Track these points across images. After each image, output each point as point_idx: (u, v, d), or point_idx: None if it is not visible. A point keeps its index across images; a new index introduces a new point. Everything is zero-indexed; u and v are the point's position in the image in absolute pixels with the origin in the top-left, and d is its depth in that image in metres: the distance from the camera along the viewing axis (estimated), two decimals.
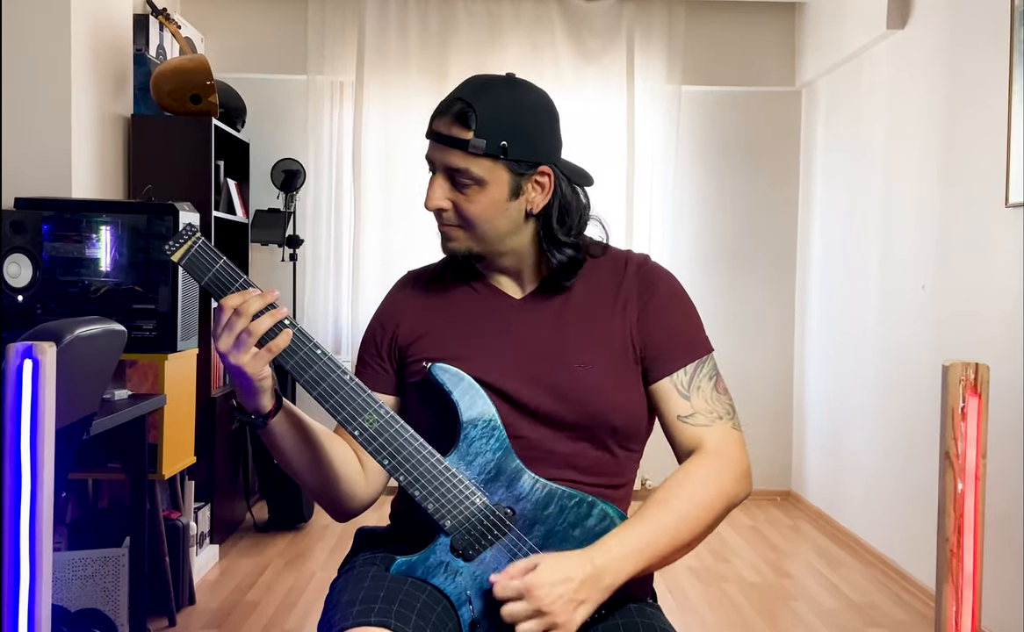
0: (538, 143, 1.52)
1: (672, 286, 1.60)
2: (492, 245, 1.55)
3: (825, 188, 5.15)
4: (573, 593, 1.36)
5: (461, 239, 1.54)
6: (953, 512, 1.43)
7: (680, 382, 1.54)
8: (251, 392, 1.42)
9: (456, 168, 1.49)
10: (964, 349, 3.54)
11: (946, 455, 1.44)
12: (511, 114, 1.50)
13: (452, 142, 1.49)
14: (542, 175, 1.53)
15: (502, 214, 1.52)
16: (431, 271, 1.68)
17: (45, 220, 3.38)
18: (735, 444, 1.53)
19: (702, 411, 1.53)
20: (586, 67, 5.17)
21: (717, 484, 1.49)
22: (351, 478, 1.55)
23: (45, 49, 3.71)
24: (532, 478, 1.47)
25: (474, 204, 1.51)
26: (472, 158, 1.48)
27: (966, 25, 3.64)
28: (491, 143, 1.48)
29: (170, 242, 1.43)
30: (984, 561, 1.44)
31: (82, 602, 3.17)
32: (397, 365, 1.61)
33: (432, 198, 1.52)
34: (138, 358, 3.34)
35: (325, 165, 5.34)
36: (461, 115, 1.48)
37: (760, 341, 5.54)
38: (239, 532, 4.66)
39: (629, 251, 1.64)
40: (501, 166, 1.49)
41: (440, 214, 1.54)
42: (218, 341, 1.39)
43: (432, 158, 1.54)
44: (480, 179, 1.49)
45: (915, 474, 3.96)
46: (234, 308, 1.38)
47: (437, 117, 1.52)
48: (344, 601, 1.41)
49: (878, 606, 3.80)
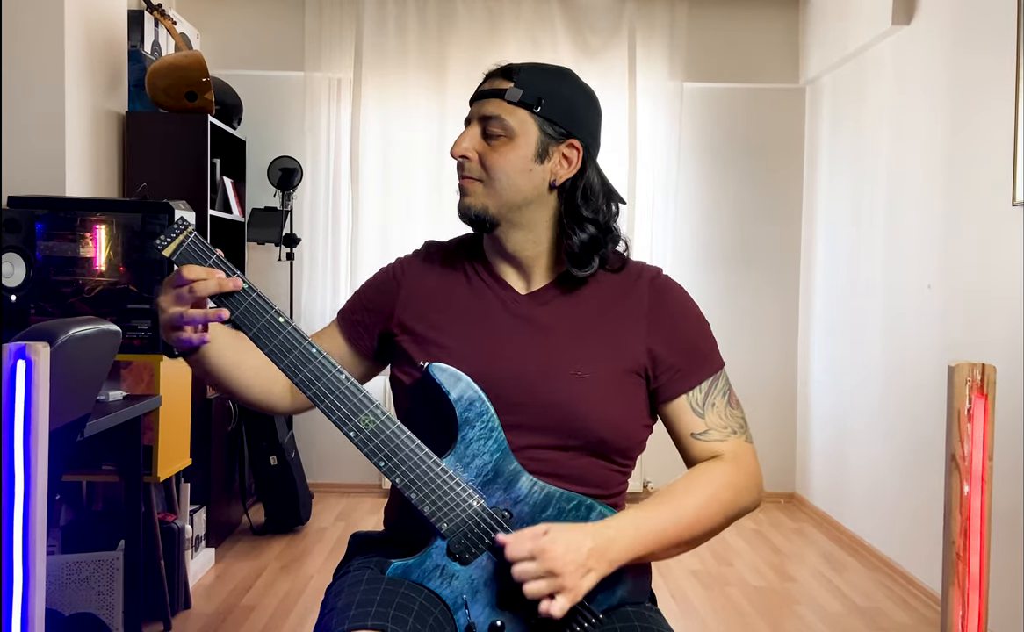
0: (574, 115, 1.53)
1: (684, 302, 1.59)
2: (509, 207, 1.53)
3: (829, 186, 5.13)
4: (583, 560, 1.36)
5: (479, 194, 1.53)
6: (959, 515, 1.42)
7: (695, 400, 1.54)
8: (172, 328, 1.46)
9: (489, 115, 1.52)
10: (970, 350, 3.52)
11: (952, 457, 1.43)
12: (556, 80, 1.54)
13: (492, 93, 1.52)
14: (571, 148, 1.53)
15: (525, 173, 1.51)
16: (446, 248, 1.67)
17: (38, 219, 3.37)
18: (749, 456, 1.55)
19: (716, 427, 1.54)
20: (587, 64, 5.17)
21: (734, 490, 1.50)
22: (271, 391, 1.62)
23: (38, 45, 3.71)
24: (530, 480, 1.45)
25: (500, 156, 1.51)
26: (506, 106, 1.50)
27: (972, 20, 3.62)
28: (528, 94, 1.50)
29: (161, 237, 1.42)
30: (990, 563, 1.43)
31: (76, 606, 3.15)
32: (379, 338, 1.62)
33: (459, 144, 1.53)
34: (133, 359, 3.33)
35: (322, 163, 5.32)
36: (506, 71, 1.54)
37: (763, 341, 5.51)
38: (235, 535, 4.64)
39: (643, 263, 1.62)
40: (533, 122, 1.50)
41: (463, 164, 1.54)
42: (161, 296, 1.43)
43: (470, 116, 1.56)
44: (511, 129, 1.50)
45: (921, 476, 3.93)
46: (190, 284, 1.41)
47: (482, 83, 1.56)
48: (340, 605, 1.40)
49: (883, 610, 3.78)
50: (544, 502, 1.45)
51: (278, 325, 1.43)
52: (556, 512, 1.45)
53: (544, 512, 1.45)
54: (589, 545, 1.37)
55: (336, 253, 5.35)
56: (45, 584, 1.37)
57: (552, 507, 1.45)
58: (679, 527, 1.45)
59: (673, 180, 5.32)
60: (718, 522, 1.49)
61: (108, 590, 3.19)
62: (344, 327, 1.65)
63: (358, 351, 1.64)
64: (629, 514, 1.45)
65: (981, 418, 1.42)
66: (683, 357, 1.53)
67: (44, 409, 1.35)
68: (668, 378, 1.53)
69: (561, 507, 1.45)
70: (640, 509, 1.45)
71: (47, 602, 2.81)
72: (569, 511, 1.45)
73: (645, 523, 1.43)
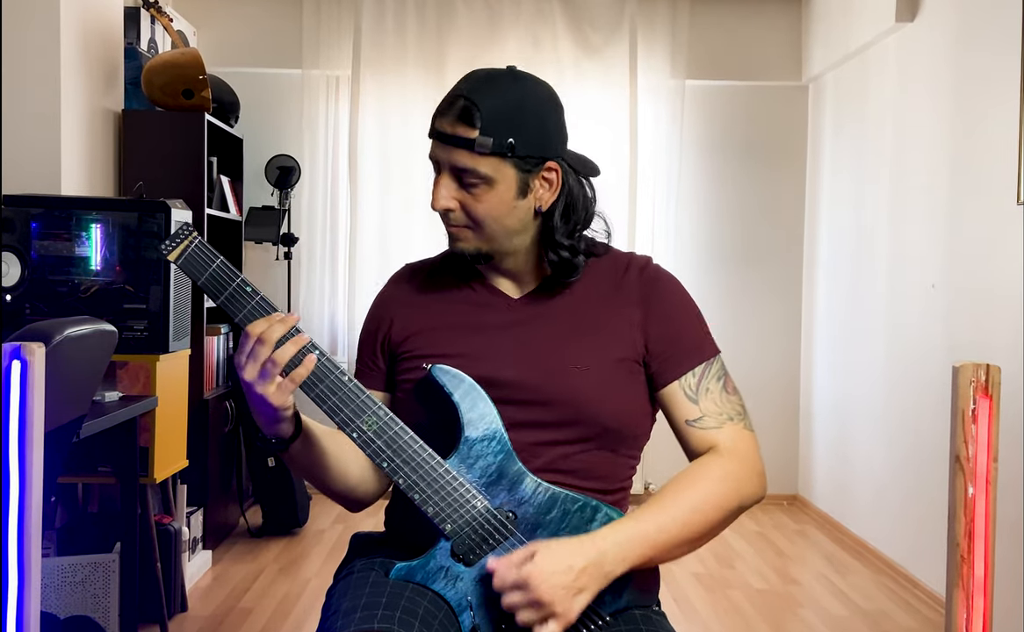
0: (545, 138, 1.51)
1: (676, 289, 1.60)
2: (501, 245, 1.53)
3: (832, 185, 5.11)
4: (572, 581, 1.35)
5: (470, 239, 1.53)
6: (963, 517, 1.42)
7: (688, 386, 1.53)
8: (274, 421, 1.42)
9: (463, 168, 1.47)
10: (975, 349, 3.50)
11: (956, 458, 1.42)
12: (516, 109, 1.48)
13: (457, 141, 1.47)
14: (550, 171, 1.51)
15: (511, 213, 1.50)
16: (429, 265, 1.68)
17: (34, 218, 3.36)
18: (748, 444, 1.53)
19: (711, 414, 1.52)
20: (588, 61, 5.12)
21: (730, 483, 1.48)
22: (367, 478, 1.58)
23: (34, 43, 3.70)
24: (535, 481, 1.45)
25: (482, 203, 1.49)
26: (479, 157, 1.46)
27: (977, 18, 3.60)
28: (497, 141, 1.46)
29: (166, 242, 1.42)
30: (995, 566, 1.42)
31: (72, 609, 3.14)
32: (388, 362, 1.61)
33: (439, 199, 1.50)
34: (129, 359, 3.32)
35: (320, 162, 5.30)
36: (465, 113, 1.46)
37: (766, 341, 5.49)
38: (232, 537, 4.62)
39: (632, 253, 1.63)
40: (508, 164, 1.48)
41: (448, 215, 1.52)
42: (243, 371, 1.37)
43: (436, 157, 1.52)
44: (488, 178, 1.47)
45: (925, 477, 3.91)
46: (258, 336, 1.37)
47: (440, 115, 1.50)
48: (345, 607, 1.39)
49: (887, 613, 3.76)
50: (549, 503, 1.44)
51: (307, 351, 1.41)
52: (561, 513, 1.44)
53: (549, 513, 1.44)
54: (580, 565, 1.36)
55: (334, 252, 5.33)
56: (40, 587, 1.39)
57: (557, 508, 1.44)
58: (676, 529, 1.43)
59: (675, 179, 5.30)
60: (718, 518, 1.47)
61: (104, 593, 3.18)
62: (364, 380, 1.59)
63: (387, 389, 1.61)
64: (622, 523, 1.43)
65: (986, 419, 1.41)
66: (674, 343, 1.54)
67: (39, 410, 1.34)
68: (660, 364, 1.53)
69: (566, 508, 1.45)
70: (633, 517, 1.44)
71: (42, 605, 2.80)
72: (574, 512, 1.45)
73: (639, 529, 1.42)
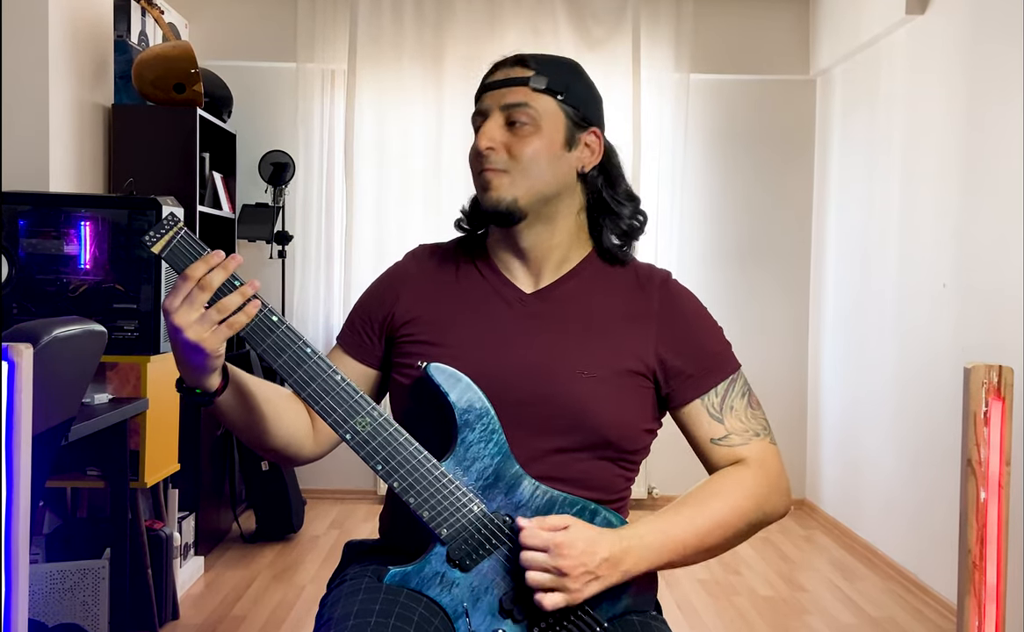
0: (593, 103, 1.56)
1: (695, 305, 1.59)
2: (538, 199, 1.50)
3: (841, 182, 5.08)
4: (594, 566, 1.36)
5: (506, 186, 1.49)
6: (975, 522, 1.42)
7: (712, 404, 1.52)
8: (203, 370, 1.38)
9: (515, 103, 1.49)
10: (987, 350, 3.47)
11: (968, 462, 1.42)
12: (569, 69, 1.55)
13: (512, 81, 1.50)
14: (592, 136, 1.54)
15: (556, 162, 1.50)
16: (444, 249, 1.65)
17: (21, 215, 3.35)
18: (775, 460, 1.53)
19: (737, 431, 1.52)
20: (590, 54, 5.10)
21: (757, 498, 1.48)
22: (299, 440, 1.55)
23: (21, 36, 3.70)
24: (532, 484, 1.44)
25: (528, 144, 1.49)
26: (532, 93, 1.49)
27: (988, 10, 3.58)
28: (552, 81, 1.50)
29: (150, 233, 1.37)
30: (1008, 573, 1.42)
31: (60, 617, 3.12)
32: (384, 341, 1.59)
33: (484, 135, 1.49)
34: (119, 360, 3.32)
35: (316, 158, 5.27)
36: (520, 59, 1.52)
37: (773, 342, 5.45)
38: (225, 543, 4.60)
39: (652, 266, 1.63)
40: (559, 109, 1.50)
41: (487, 157, 1.50)
42: (175, 314, 1.33)
43: (485, 107, 1.52)
44: (537, 117, 1.49)
45: (935, 482, 3.88)
46: (198, 280, 1.33)
47: (492, 72, 1.54)
48: (338, 615, 1.39)
49: (897, 621, 3.73)
50: (547, 507, 1.43)
51: (272, 324, 1.39)
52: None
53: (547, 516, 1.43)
54: (603, 555, 1.37)
55: (330, 250, 5.29)
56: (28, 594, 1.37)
57: (555, 512, 1.43)
58: (699, 537, 1.44)
59: (679, 175, 5.26)
60: (741, 530, 1.47)
61: (93, 600, 3.16)
62: (348, 345, 1.61)
63: (366, 363, 1.60)
64: (648, 523, 1.43)
65: (998, 421, 1.40)
66: (694, 361, 1.52)
67: (27, 412, 1.33)
68: (679, 383, 1.51)
69: (564, 512, 1.43)
70: (658, 518, 1.44)
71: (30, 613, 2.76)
72: (572, 515, 1.43)
73: (663, 533, 1.42)
